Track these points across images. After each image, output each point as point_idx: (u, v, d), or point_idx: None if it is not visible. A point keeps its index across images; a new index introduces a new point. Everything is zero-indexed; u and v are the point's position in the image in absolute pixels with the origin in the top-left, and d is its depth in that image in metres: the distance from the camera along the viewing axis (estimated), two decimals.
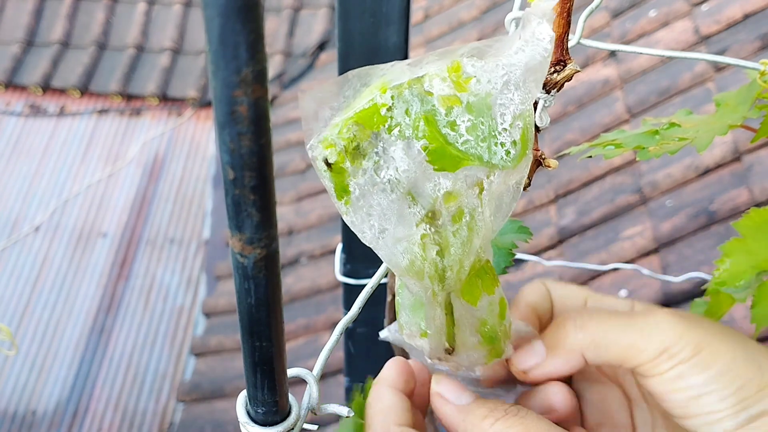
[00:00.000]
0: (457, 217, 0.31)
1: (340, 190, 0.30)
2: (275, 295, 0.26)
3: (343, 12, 0.57)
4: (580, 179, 1.78)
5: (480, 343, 0.36)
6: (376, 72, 0.31)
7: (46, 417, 2.37)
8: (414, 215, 0.31)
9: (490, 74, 0.30)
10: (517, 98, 0.30)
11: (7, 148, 3.08)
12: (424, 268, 0.32)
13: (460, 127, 0.30)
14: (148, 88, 3.14)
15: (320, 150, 0.30)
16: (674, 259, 1.48)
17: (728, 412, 0.34)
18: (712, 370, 0.34)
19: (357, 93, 0.30)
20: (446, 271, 0.32)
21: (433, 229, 0.31)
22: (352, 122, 0.29)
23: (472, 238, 0.32)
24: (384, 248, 0.32)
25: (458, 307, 0.35)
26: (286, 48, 3.18)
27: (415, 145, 0.29)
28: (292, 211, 2.36)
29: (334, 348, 0.36)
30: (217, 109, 0.21)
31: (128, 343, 2.54)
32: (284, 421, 0.31)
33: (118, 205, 2.91)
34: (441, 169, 0.30)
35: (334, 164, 0.30)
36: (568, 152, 0.53)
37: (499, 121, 0.30)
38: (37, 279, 2.70)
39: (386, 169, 0.30)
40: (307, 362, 1.77)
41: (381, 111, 0.29)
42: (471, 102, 0.30)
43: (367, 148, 0.29)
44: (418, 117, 0.29)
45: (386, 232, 0.31)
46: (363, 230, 0.31)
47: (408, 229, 0.31)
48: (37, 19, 3.31)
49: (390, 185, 0.30)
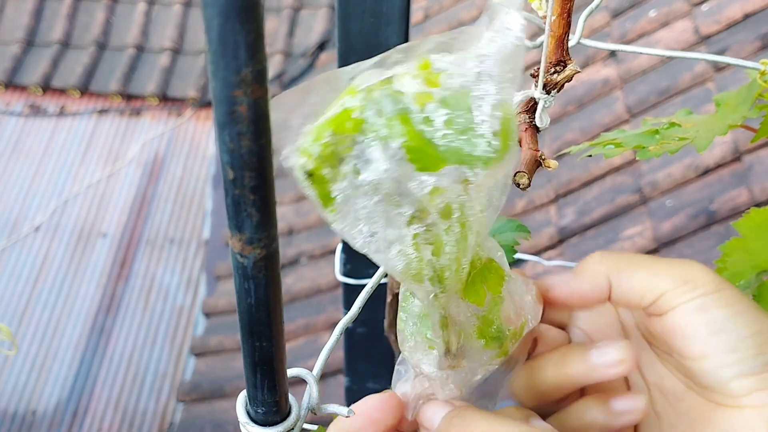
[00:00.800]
0: (446, 213, 0.31)
1: (323, 197, 0.30)
2: (275, 295, 0.26)
3: (343, 12, 0.57)
4: (580, 179, 1.78)
5: (486, 345, 0.36)
6: (342, 76, 0.30)
7: (46, 417, 2.37)
8: (402, 216, 0.30)
9: (461, 67, 0.30)
10: (493, 89, 0.30)
11: (7, 148, 3.09)
12: (422, 271, 0.32)
13: (436, 121, 0.29)
14: (148, 88, 3.14)
15: (296, 158, 0.29)
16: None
17: (747, 354, 0.33)
18: (733, 308, 0.34)
19: (325, 99, 0.30)
20: (444, 271, 0.32)
21: (424, 228, 0.31)
22: (324, 128, 0.29)
23: (465, 234, 0.32)
24: (377, 253, 0.31)
25: (463, 309, 0.34)
26: (286, 48, 3.18)
27: (392, 144, 0.29)
28: (292, 211, 2.36)
29: (334, 348, 0.36)
30: (217, 109, 0.21)
31: (128, 343, 2.54)
32: (284, 421, 0.31)
33: (118, 205, 2.91)
34: (423, 169, 0.30)
35: (313, 171, 0.29)
36: (568, 151, 0.53)
37: (476, 113, 0.30)
38: (37, 279, 2.70)
39: (366, 171, 0.29)
40: (307, 362, 1.77)
41: (353, 114, 0.29)
42: (445, 96, 0.29)
43: (344, 152, 0.29)
44: (391, 117, 0.29)
45: (377, 236, 0.31)
46: (353, 236, 0.31)
47: (398, 230, 0.31)
48: (37, 19, 3.31)
49: (372, 187, 0.29)
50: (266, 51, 0.21)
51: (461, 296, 0.34)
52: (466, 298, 0.34)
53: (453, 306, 0.34)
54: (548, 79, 0.40)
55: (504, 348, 0.36)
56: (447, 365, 0.36)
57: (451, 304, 0.34)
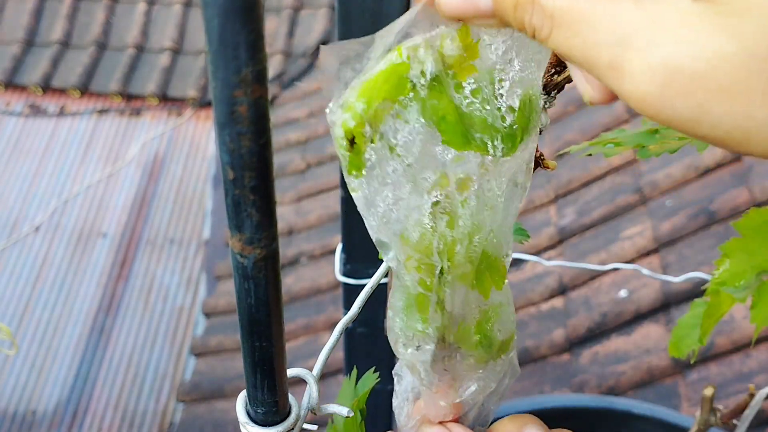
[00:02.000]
0: (464, 185, 0.31)
1: (354, 159, 0.30)
2: (275, 295, 0.26)
3: (343, 12, 0.57)
4: (580, 179, 1.78)
5: (480, 342, 0.35)
6: (394, 29, 0.30)
7: (46, 417, 2.37)
8: (426, 181, 0.31)
9: (494, 38, 0.30)
10: (517, 65, 0.30)
11: (7, 148, 3.08)
12: (433, 243, 0.32)
13: (465, 89, 0.30)
14: (148, 88, 3.14)
15: (340, 114, 0.29)
16: (674, 259, 1.48)
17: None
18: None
19: (378, 55, 0.30)
20: (455, 244, 0.32)
21: (444, 196, 0.31)
22: (370, 85, 0.29)
23: (480, 209, 0.32)
24: (396, 222, 0.31)
25: (470, 298, 0.34)
26: (286, 48, 3.18)
27: (428, 106, 0.29)
28: (292, 211, 2.36)
29: (334, 348, 0.36)
30: (217, 109, 0.21)
31: (128, 343, 2.54)
32: (284, 421, 0.31)
33: (118, 205, 2.91)
34: (448, 143, 0.30)
35: (354, 129, 0.29)
36: (567, 151, 0.53)
37: (497, 86, 0.30)
38: (37, 279, 2.70)
39: (401, 131, 0.30)
40: (307, 362, 1.77)
41: (399, 72, 0.29)
42: (476, 65, 0.30)
43: (384, 111, 0.29)
44: (432, 77, 0.29)
45: (400, 203, 0.31)
46: (376, 204, 0.31)
47: (420, 197, 0.31)
48: (37, 19, 3.31)
49: (405, 149, 0.30)
50: (266, 51, 0.21)
51: (468, 285, 0.34)
52: (473, 287, 0.34)
53: (459, 293, 0.34)
54: (548, 79, 0.40)
55: (491, 354, 0.36)
56: (441, 357, 0.35)
57: (456, 289, 0.33)
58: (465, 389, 0.37)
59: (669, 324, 1.39)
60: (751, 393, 0.63)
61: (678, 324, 0.58)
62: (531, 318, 1.56)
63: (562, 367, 1.46)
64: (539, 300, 1.59)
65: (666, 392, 1.31)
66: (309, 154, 2.53)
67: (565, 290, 1.58)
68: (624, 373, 1.36)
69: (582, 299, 1.53)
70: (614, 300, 1.48)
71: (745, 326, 1.27)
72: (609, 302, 1.48)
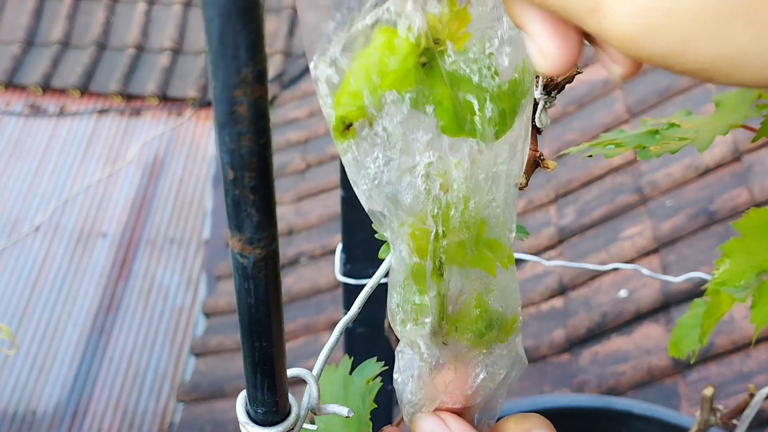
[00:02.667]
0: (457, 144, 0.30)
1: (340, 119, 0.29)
2: (275, 295, 0.26)
3: None
4: (580, 179, 1.78)
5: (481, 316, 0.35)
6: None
7: (46, 417, 2.37)
8: (417, 142, 0.30)
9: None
10: (506, 23, 0.29)
11: (7, 148, 3.08)
12: (428, 206, 0.31)
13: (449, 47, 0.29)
14: (148, 88, 3.14)
15: (324, 69, 0.28)
16: (674, 259, 1.48)
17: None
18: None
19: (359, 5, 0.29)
20: (450, 208, 0.31)
21: (437, 157, 0.30)
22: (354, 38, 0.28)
23: (474, 170, 0.31)
24: (388, 185, 0.31)
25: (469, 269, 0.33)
26: (286, 48, 3.18)
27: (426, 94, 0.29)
28: (292, 211, 2.36)
29: (334, 348, 0.36)
30: (217, 109, 0.21)
31: (128, 343, 2.54)
32: (284, 421, 0.31)
33: (118, 205, 2.91)
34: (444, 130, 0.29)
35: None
36: (567, 152, 0.53)
37: (487, 44, 0.29)
38: (37, 279, 2.70)
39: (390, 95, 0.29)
40: (307, 362, 1.77)
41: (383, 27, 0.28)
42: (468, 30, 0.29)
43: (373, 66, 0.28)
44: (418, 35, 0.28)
45: (391, 164, 0.30)
46: (366, 165, 0.30)
47: (413, 158, 0.30)
48: (37, 19, 3.31)
49: (394, 105, 0.29)
50: (266, 51, 0.21)
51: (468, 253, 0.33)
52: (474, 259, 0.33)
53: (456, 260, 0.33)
54: (548, 79, 0.40)
55: (493, 333, 0.35)
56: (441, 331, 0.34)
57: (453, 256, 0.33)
58: (475, 377, 0.36)
59: (669, 324, 1.39)
60: (751, 393, 0.63)
61: (678, 324, 0.58)
62: (531, 318, 1.57)
63: (562, 367, 1.46)
64: (539, 300, 1.59)
65: (666, 392, 1.32)
66: (309, 154, 2.53)
67: (565, 290, 1.58)
68: (624, 373, 1.36)
69: (582, 299, 1.53)
70: (614, 300, 1.48)
71: (745, 326, 1.27)
72: (609, 302, 1.48)
